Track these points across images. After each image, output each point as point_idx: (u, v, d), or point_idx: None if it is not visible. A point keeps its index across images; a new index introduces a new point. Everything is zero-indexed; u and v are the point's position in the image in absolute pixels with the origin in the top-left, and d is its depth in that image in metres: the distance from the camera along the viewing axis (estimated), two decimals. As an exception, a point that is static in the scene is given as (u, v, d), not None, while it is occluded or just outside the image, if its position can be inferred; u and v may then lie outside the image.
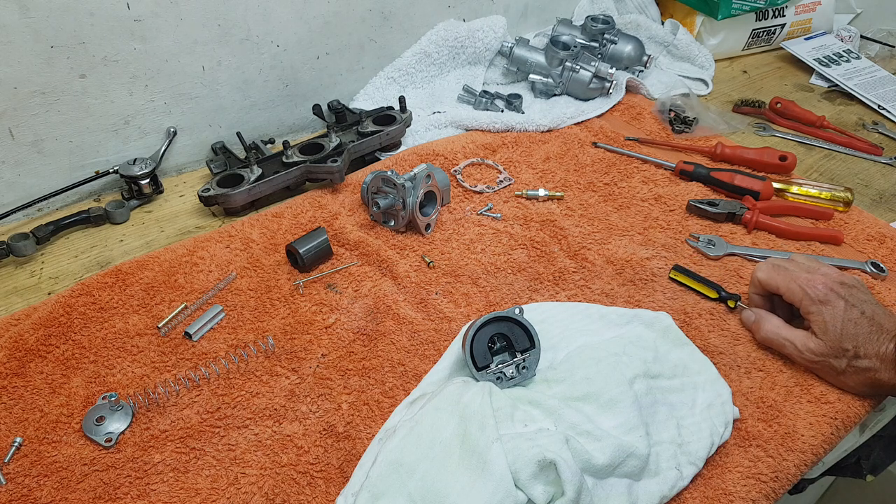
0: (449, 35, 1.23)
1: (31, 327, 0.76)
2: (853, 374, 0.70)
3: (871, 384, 0.70)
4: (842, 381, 0.72)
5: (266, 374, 0.73)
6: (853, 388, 0.72)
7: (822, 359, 0.71)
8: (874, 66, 1.44)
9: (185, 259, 0.87)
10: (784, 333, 0.74)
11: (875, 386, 0.70)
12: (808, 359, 0.72)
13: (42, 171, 0.94)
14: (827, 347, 0.70)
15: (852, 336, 0.69)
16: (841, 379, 0.71)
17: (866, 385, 0.70)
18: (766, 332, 0.75)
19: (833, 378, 0.72)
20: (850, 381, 0.71)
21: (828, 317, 0.70)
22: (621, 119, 1.23)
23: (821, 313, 0.70)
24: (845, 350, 0.69)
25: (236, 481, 0.63)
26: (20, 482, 0.62)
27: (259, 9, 1.01)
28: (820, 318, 0.70)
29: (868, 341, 0.68)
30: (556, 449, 0.56)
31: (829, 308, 0.70)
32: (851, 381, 0.71)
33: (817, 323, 0.70)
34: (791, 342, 0.73)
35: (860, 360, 0.69)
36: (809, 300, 0.71)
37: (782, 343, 0.74)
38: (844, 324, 0.69)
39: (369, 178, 0.93)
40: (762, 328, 0.76)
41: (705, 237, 0.93)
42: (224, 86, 1.04)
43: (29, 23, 0.83)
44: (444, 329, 0.79)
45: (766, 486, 0.65)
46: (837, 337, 0.69)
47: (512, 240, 0.93)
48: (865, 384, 0.70)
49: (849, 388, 0.72)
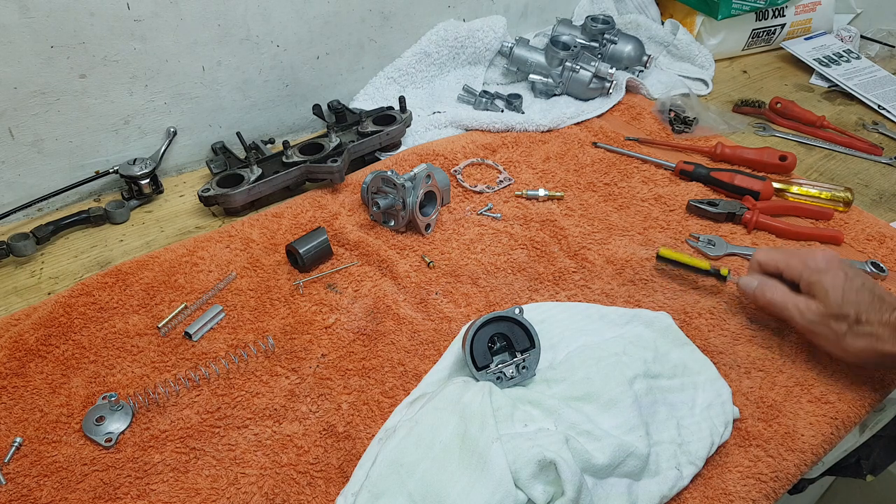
0: (449, 35, 1.23)
1: (31, 327, 0.76)
2: (855, 339, 0.69)
3: (874, 353, 0.69)
4: (843, 346, 0.70)
5: (266, 374, 0.73)
6: (854, 355, 0.70)
7: (823, 320, 0.70)
8: (874, 66, 1.44)
9: (185, 259, 0.87)
10: (788, 297, 0.74)
11: (877, 355, 0.69)
12: (810, 320, 0.71)
13: (42, 171, 0.94)
14: (828, 310, 0.70)
15: (853, 302, 0.69)
16: (842, 344, 0.70)
17: (868, 354, 0.69)
18: (770, 296, 0.75)
19: (833, 344, 0.71)
20: (851, 347, 0.70)
21: (828, 284, 0.70)
22: (621, 119, 1.23)
23: (821, 281, 0.70)
24: (846, 315, 0.69)
25: (236, 481, 0.63)
26: (20, 482, 0.62)
27: (259, 9, 1.01)
28: (821, 285, 0.70)
29: (870, 309, 0.68)
30: (556, 449, 0.56)
31: (830, 276, 0.70)
32: (853, 346, 0.69)
33: (819, 289, 0.71)
34: (794, 304, 0.73)
35: (862, 326, 0.68)
36: (810, 270, 0.72)
37: (785, 305, 0.74)
38: (846, 291, 0.69)
39: (369, 178, 0.93)
40: (766, 293, 0.76)
41: (705, 237, 0.93)
42: (224, 86, 1.04)
43: (29, 23, 0.83)
44: (444, 329, 0.79)
45: (766, 486, 0.65)
46: (839, 302, 0.69)
47: (512, 240, 0.93)
48: (867, 352, 0.69)
49: (849, 354, 0.71)
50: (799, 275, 0.73)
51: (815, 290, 0.71)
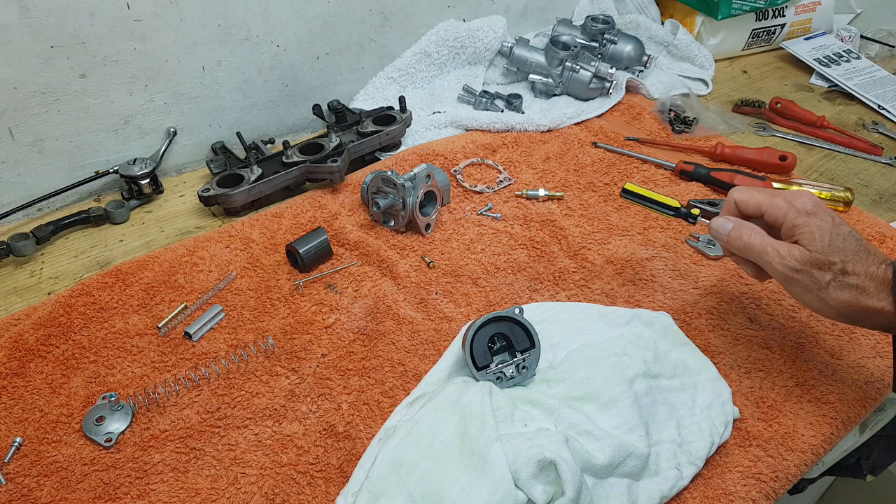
0: (449, 35, 1.23)
1: (31, 327, 0.76)
2: (838, 291, 0.63)
3: (856, 307, 0.63)
4: (823, 297, 0.64)
5: (266, 374, 0.73)
6: (834, 309, 0.64)
7: (805, 269, 0.64)
8: (874, 66, 1.44)
9: (185, 259, 0.87)
10: (767, 240, 0.66)
11: (860, 310, 0.63)
12: (791, 267, 0.64)
13: (42, 171, 0.94)
14: (812, 257, 0.63)
15: (840, 250, 0.63)
16: (822, 295, 0.64)
17: (850, 308, 0.63)
18: (747, 239, 0.67)
19: (814, 295, 0.64)
20: (833, 299, 0.63)
21: (815, 228, 0.63)
22: (621, 119, 1.23)
23: (808, 224, 0.64)
24: (832, 263, 0.63)
25: (236, 481, 0.63)
26: (20, 482, 0.62)
27: (259, 9, 1.01)
28: (807, 229, 0.64)
29: (857, 259, 0.63)
30: (555, 449, 0.56)
31: (817, 219, 0.64)
32: (835, 298, 0.63)
33: (804, 234, 0.64)
34: (775, 249, 0.65)
35: (848, 277, 0.63)
36: (796, 212, 0.65)
37: (763, 250, 0.66)
38: (833, 237, 0.63)
39: (369, 178, 0.93)
40: (742, 236, 0.68)
41: (705, 237, 0.93)
42: (224, 86, 1.04)
43: (29, 23, 0.83)
44: (444, 329, 0.79)
45: (766, 485, 0.65)
46: (825, 248, 0.63)
47: (512, 240, 0.93)
48: (849, 306, 0.63)
49: (829, 308, 0.64)
50: (784, 215, 0.66)
51: (800, 234, 0.64)
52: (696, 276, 0.88)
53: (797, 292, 0.66)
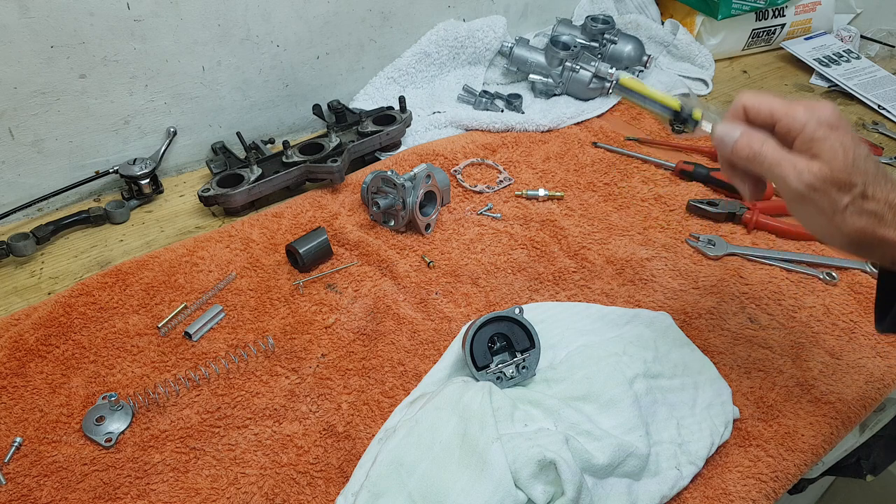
0: (449, 35, 1.23)
1: (31, 327, 0.76)
2: (852, 217, 0.56)
3: (869, 236, 0.57)
4: (836, 223, 0.57)
5: (266, 374, 0.73)
6: (845, 235, 0.58)
7: (823, 187, 0.56)
8: (874, 66, 1.44)
9: (185, 259, 0.87)
10: (782, 153, 0.58)
11: (872, 240, 0.57)
12: (808, 184, 0.56)
13: (42, 171, 0.94)
14: (833, 175, 0.56)
15: (862, 171, 0.56)
16: (835, 221, 0.57)
17: (863, 236, 0.57)
18: (759, 148, 0.59)
19: (825, 219, 0.57)
20: (847, 225, 0.57)
21: (838, 143, 0.56)
22: (621, 119, 1.23)
23: (829, 138, 0.56)
24: (853, 184, 0.56)
25: (236, 481, 0.63)
26: (20, 482, 0.62)
27: (259, 9, 1.01)
28: (828, 144, 0.56)
29: (877, 183, 0.56)
30: (556, 449, 0.56)
31: (840, 134, 0.56)
32: (850, 224, 0.57)
33: (825, 149, 0.56)
34: (792, 163, 0.57)
35: (867, 202, 0.56)
36: (817, 122, 0.57)
37: (778, 162, 0.58)
38: (855, 155, 0.56)
39: (369, 178, 0.93)
40: (752, 143, 0.59)
41: (705, 237, 0.93)
42: (224, 86, 1.04)
43: (29, 23, 0.83)
44: (444, 329, 0.79)
45: (766, 486, 0.65)
46: (847, 167, 0.56)
47: (512, 240, 0.93)
48: (862, 234, 0.57)
49: (840, 234, 0.58)
50: (802, 126, 0.57)
51: (821, 149, 0.56)
52: (696, 276, 0.88)
53: (807, 215, 0.59)
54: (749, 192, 0.63)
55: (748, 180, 0.63)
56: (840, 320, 0.82)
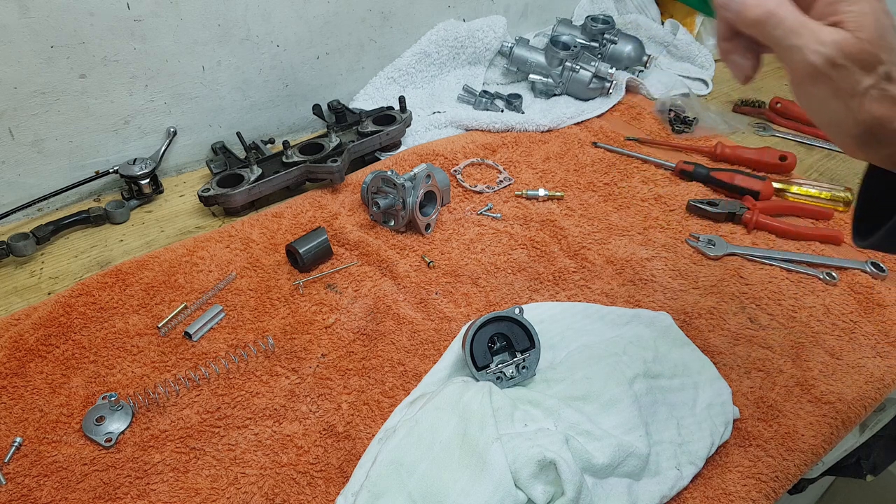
0: (449, 35, 1.23)
1: (31, 327, 0.76)
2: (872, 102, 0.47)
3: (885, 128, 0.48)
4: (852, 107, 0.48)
5: (266, 374, 0.73)
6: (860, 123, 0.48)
7: (845, 63, 0.47)
8: (874, 66, 1.44)
9: (185, 259, 0.87)
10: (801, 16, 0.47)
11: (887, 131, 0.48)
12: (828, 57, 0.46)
13: (42, 171, 0.94)
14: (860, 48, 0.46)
15: (891, 47, 0.46)
16: (852, 104, 0.48)
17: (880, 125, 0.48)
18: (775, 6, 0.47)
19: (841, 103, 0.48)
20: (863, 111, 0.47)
21: (868, 8, 0.46)
22: (621, 119, 1.23)
23: (859, 2, 0.46)
24: (880, 62, 0.46)
25: (236, 481, 0.63)
26: (20, 482, 0.62)
27: (259, 9, 1.01)
28: (858, 8, 0.46)
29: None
30: (556, 449, 0.56)
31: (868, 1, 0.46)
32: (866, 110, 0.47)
33: (853, 14, 0.47)
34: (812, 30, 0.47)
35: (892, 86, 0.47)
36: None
37: (796, 26, 0.47)
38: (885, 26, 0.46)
39: (369, 178, 0.93)
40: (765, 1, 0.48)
41: (705, 237, 0.93)
42: (224, 86, 1.04)
43: (29, 23, 0.83)
44: (444, 329, 0.79)
45: (766, 486, 0.65)
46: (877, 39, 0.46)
47: (512, 240, 0.93)
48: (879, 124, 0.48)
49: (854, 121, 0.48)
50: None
51: (847, 14, 0.47)
52: (696, 276, 0.88)
53: (818, 98, 0.49)
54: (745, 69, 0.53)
55: (746, 54, 0.52)
56: (840, 320, 0.82)
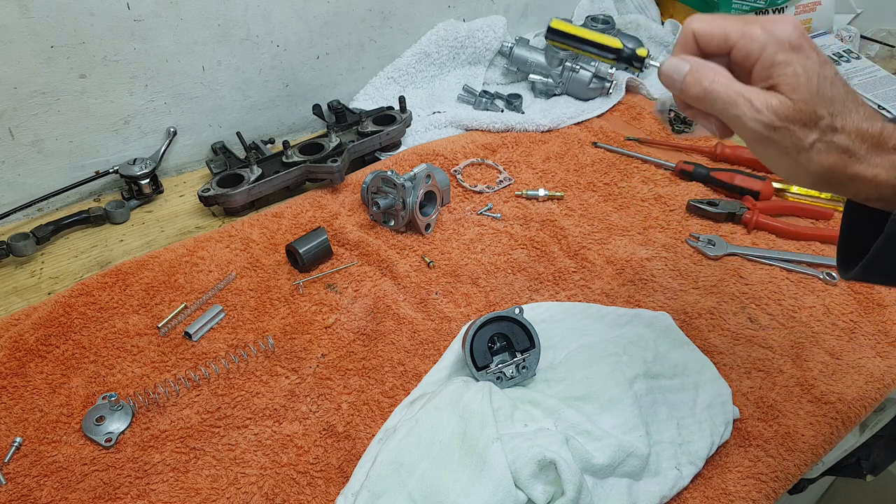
0: (449, 35, 1.23)
1: (31, 327, 0.76)
2: (820, 155, 0.49)
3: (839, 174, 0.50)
4: (801, 162, 0.50)
5: (266, 374, 0.73)
6: (813, 175, 0.50)
7: (785, 125, 0.49)
8: (874, 66, 1.44)
9: (185, 259, 0.87)
10: (736, 87, 0.50)
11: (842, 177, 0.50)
12: (767, 123, 0.49)
13: (42, 171, 0.94)
14: (796, 109, 0.48)
15: (828, 100, 0.48)
16: (801, 160, 0.50)
17: (832, 173, 0.50)
18: (709, 85, 0.50)
19: (790, 159, 0.50)
20: (812, 164, 0.49)
21: (800, 68, 0.48)
22: (621, 119, 1.23)
23: (791, 63, 0.48)
24: (819, 117, 0.48)
25: (236, 481, 0.63)
26: (20, 482, 0.62)
27: (259, 9, 1.01)
28: (790, 70, 0.48)
29: (846, 111, 0.49)
30: (556, 448, 0.56)
31: (803, 57, 0.48)
32: (815, 163, 0.49)
33: (786, 76, 0.48)
34: (747, 98, 0.49)
35: (836, 135, 0.49)
36: (777, 44, 0.48)
37: (733, 98, 0.49)
38: (820, 81, 0.48)
39: (369, 178, 0.93)
40: (702, 79, 0.51)
41: (705, 237, 0.93)
42: (224, 86, 1.04)
43: (29, 23, 0.83)
44: (444, 329, 0.79)
45: (766, 486, 0.65)
46: (812, 96, 0.48)
47: (512, 240, 0.93)
48: (831, 172, 0.50)
49: (807, 173, 0.50)
50: (761, 48, 0.49)
51: (781, 76, 0.48)
52: (696, 276, 0.88)
53: (769, 155, 0.51)
54: (716, 129, 0.55)
55: (711, 118, 0.54)
56: (840, 320, 0.82)
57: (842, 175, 0.50)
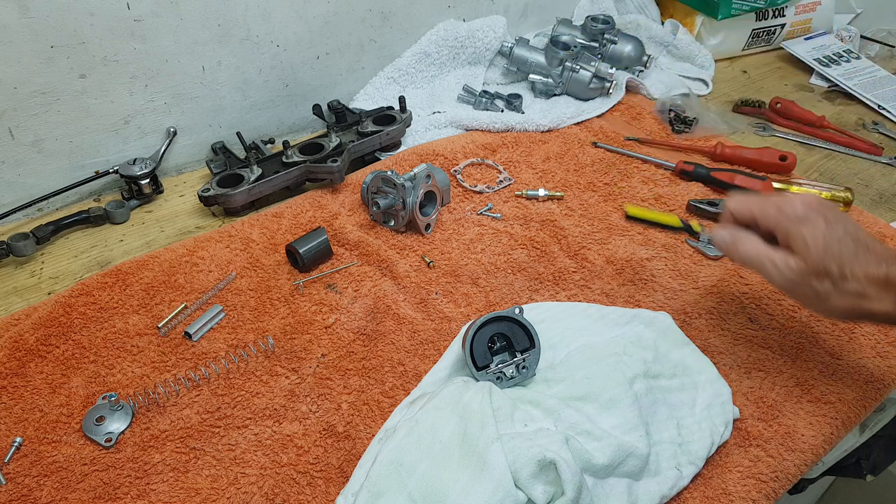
0: (449, 35, 1.23)
1: (31, 327, 0.76)
2: (839, 299, 0.62)
3: (858, 312, 0.63)
4: (826, 306, 0.64)
5: (266, 374, 0.73)
6: (838, 314, 0.64)
7: (802, 280, 0.63)
8: (874, 66, 1.44)
9: (185, 259, 0.87)
10: (763, 251, 0.66)
11: (861, 314, 0.63)
12: (789, 279, 0.64)
13: (42, 171, 0.94)
14: (808, 266, 0.62)
15: (836, 255, 0.61)
16: (825, 304, 0.64)
17: (852, 312, 0.63)
18: (745, 251, 0.67)
19: (817, 304, 0.65)
20: (835, 308, 0.63)
21: (808, 235, 0.62)
22: (621, 119, 1.23)
23: (800, 232, 0.63)
24: (829, 271, 0.61)
25: (236, 481, 0.63)
26: (20, 482, 0.62)
27: (259, 9, 1.01)
28: (800, 237, 0.63)
29: (855, 261, 0.61)
30: (555, 448, 0.56)
31: (810, 226, 0.62)
32: (838, 306, 0.63)
33: (797, 242, 0.63)
34: (771, 261, 0.65)
35: (847, 283, 0.61)
36: (787, 219, 0.64)
37: (762, 261, 0.66)
38: (827, 241, 0.61)
39: (369, 178, 0.93)
40: (740, 247, 0.68)
41: (705, 237, 0.93)
42: (224, 86, 1.04)
43: (29, 23, 0.83)
44: (444, 329, 0.79)
45: (766, 486, 0.65)
46: (820, 256, 0.62)
47: (512, 240, 0.93)
48: (851, 311, 0.63)
49: (835, 314, 0.65)
50: (775, 223, 0.65)
51: (794, 243, 0.63)
52: (696, 276, 0.88)
53: (800, 300, 0.67)
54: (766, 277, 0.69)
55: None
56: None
57: (860, 312, 0.62)
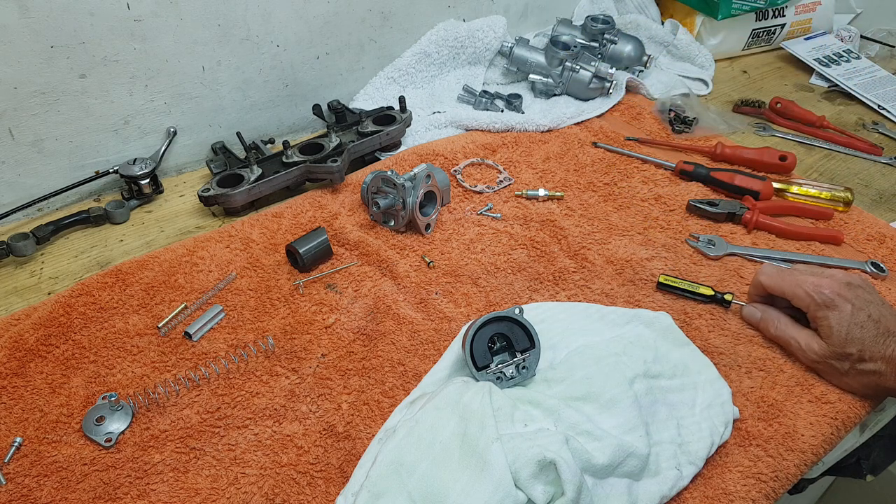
0: (449, 35, 1.23)
1: (31, 327, 0.76)
2: (856, 377, 0.70)
3: (875, 388, 0.70)
4: (844, 382, 0.72)
5: (266, 374, 0.73)
6: (856, 390, 0.72)
7: (824, 360, 0.71)
8: (874, 66, 1.44)
9: (185, 259, 0.87)
10: (790, 331, 0.75)
11: (879, 390, 0.71)
12: (811, 358, 0.73)
13: (42, 171, 0.94)
14: (830, 350, 0.70)
15: (857, 340, 0.68)
16: (844, 380, 0.72)
17: (870, 389, 0.71)
18: (774, 331, 0.76)
19: (836, 378, 0.73)
20: (853, 383, 0.71)
21: (833, 321, 0.69)
22: (621, 119, 1.23)
23: (827, 318, 0.70)
24: (849, 354, 0.69)
25: (236, 481, 0.63)
26: (20, 482, 0.62)
27: (259, 9, 1.01)
28: (826, 323, 0.70)
29: (874, 344, 0.68)
30: (555, 449, 0.56)
31: (836, 312, 0.70)
32: (855, 382, 0.71)
33: (823, 327, 0.71)
34: (797, 341, 0.73)
35: (865, 364, 0.69)
36: (816, 305, 0.71)
37: (787, 340, 0.75)
38: (850, 328, 0.69)
39: (369, 178, 0.93)
40: (769, 327, 0.77)
41: (705, 237, 0.93)
42: (224, 86, 1.04)
43: (29, 23, 0.83)
44: (444, 329, 0.79)
45: (766, 485, 0.65)
46: (842, 341, 0.69)
47: (512, 240, 0.93)
48: (869, 387, 0.71)
49: (851, 389, 0.72)
50: (806, 307, 0.72)
51: (821, 327, 0.71)
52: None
53: (821, 374, 0.74)
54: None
55: None
56: (840, 320, 0.82)
57: (877, 388, 0.71)
